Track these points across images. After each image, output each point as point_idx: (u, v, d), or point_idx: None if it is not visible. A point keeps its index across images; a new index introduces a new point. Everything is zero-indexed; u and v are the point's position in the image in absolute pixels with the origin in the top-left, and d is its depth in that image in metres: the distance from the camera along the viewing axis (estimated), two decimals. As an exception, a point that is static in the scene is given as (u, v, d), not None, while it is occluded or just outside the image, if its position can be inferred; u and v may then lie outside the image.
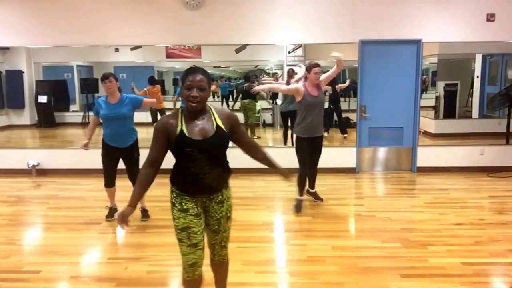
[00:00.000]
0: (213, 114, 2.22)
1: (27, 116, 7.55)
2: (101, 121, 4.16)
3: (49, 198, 5.32)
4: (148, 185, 2.21)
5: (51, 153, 6.55)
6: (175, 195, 2.25)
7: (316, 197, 4.94)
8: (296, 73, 6.51)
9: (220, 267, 2.61)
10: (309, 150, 4.56)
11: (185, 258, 2.28)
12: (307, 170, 4.64)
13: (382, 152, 6.58)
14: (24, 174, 6.35)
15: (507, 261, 3.37)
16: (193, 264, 2.28)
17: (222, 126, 2.20)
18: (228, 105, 8.68)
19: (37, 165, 6.39)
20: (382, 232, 4.02)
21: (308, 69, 4.48)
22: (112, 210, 4.38)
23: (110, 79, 4.00)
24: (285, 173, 2.59)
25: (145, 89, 7.22)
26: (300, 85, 4.53)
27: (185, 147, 2.11)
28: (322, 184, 4.84)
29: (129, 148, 4.15)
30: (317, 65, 4.47)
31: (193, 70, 2.12)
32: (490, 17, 6.06)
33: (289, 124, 6.69)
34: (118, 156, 4.19)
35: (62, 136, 8.06)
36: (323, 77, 4.50)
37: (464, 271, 3.16)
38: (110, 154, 4.17)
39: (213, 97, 8.50)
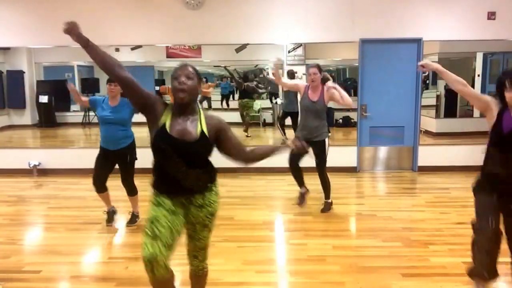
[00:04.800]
0: (200, 118, 2.13)
1: (28, 116, 7.57)
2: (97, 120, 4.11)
3: (50, 198, 5.33)
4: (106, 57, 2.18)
5: (52, 153, 6.56)
6: (154, 196, 2.19)
7: (328, 207, 4.59)
8: (296, 73, 6.52)
9: (194, 277, 2.45)
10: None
11: (143, 252, 2.01)
12: (292, 163, 4.48)
13: (383, 151, 6.57)
14: (25, 174, 6.35)
15: (508, 260, 3.35)
16: (150, 258, 1.97)
17: (207, 133, 2.10)
18: (228, 105, 8.69)
19: (38, 165, 6.40)
20: (383, 231, 4.02)
21: (307, 69, 4.39)
22: (110, 213, 4.29)
23: (116, 83, 4.01)
24: (284, 145, 2.41)
25: (169, 86, 7.28)
26: (302, 82, 4.48)
27: (161, 143, 2.06)
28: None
29: (124, 151, 4.05)
30: (313, 66, 4.27)
31: (182, 64, 2.13)
32: (491, 16, 6.04)
33: (286, 123, 6.72)
34: (112, 160, 4.09)
35: (63, 136, 8.07)
36: (333, 93, 4.22)
37: (465, 270, 3.15)
38: (104, 158, 4.07)
39: (208, 102, 8.52)
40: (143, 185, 4.14)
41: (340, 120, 8.34)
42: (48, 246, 3.82)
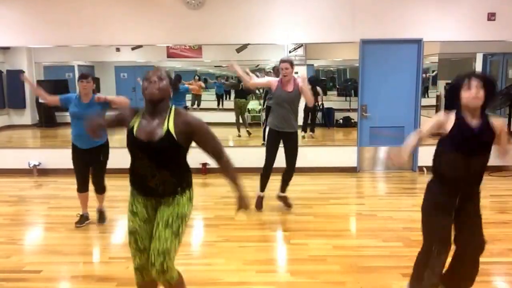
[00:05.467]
0: (169, 117, 2.14)
1: (28, 116, 7.56)
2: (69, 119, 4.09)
3: (50, 198, 5.33)
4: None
5: (52, 153, 6.55)
6: (130, 194, 2.29)
7: (286, 203, 4.63)
8: (296, 73, 6.51)
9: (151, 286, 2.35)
10: (275, 144, 4.45)
11: (133, 260, 2.29)
12: (267, 164, 4.51)
13: (383, 151, 6.57)
14: (25, 174, 6.35)
15: (508, 260, 3.37)
16: (139, 267, 2.27)
17: (173, 132, 2.10)
18: (223, 104, 8.69)
19: (38, 165, 6.40)
20: (384, 231, 4.02)
21: (279, 64, 4.37)
22: (83, 218, 4.23)
23: (89, 79, 3.98)
24: (241, 201, 2.37)
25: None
26: (274, 79, 4.47)
27: (129, 145, 2.18)
28: (323, 183, 4.84)
29: (96, 149, 4.01)
30: (285, 61, 4.26)
31: (155, 68, 2.22)
32: (491, 16, 6.05)
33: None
34: (86, 159, 4.08)
35: (63, 136, 8.05)
36: (304, 88, 4.29)
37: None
38: (79, 157, 4.06)
39: (198, 101, 8.52)
40: (119, 185, 4.14)
41: (341, 120, 8.35)
42: (48, 246, 3.82)
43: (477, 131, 2.31)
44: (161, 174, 2.15)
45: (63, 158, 6.42)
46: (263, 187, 4.62)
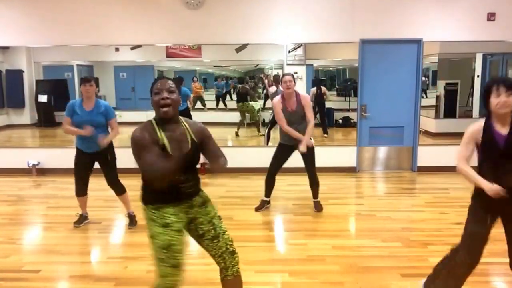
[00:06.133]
0: (186, 127, 2.19)
1: (27, 115, 7.56)
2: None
3: (49, 198, 5.32)
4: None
5: (51, 153, 6.55)
6: (153, 211, 2.11)
7: (317, 207, 4.66)
8: (296, 73, 6.50)
9: (235, 284, 2.31)
10: (286, 156, 4.49)
11: (164, 280, 2.08)
12: (270, 172, 4.56)
13: (382, 151, 6.57)
14: (24, 174, 6.35)
15: (507, 260, 3.36)
16: (172, 285, 2.10)
17: (196, 140, 2.18)
18: (220, 104, 8.68)
19: (37, 165, 6.39)
20: (383, 231, 4.02)
21: (280, 79, 4.37)
22: (82, 218, 4.23)
23: (92, 83, 3.94)
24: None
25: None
26: (276, 100, 4.41)
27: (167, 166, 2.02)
28: (322, 183, 4.82)
29: (102, 152, 3.99)
30: (290, 75, 4.31)
31: (161, 77, 2.18)
32: (491, 17, 6.05)
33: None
34: (92, 162, 4.07)
35: (62, 136, 8.03)
36: (308, 109, 4.34)
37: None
38: (84, 161, 4.03)
39: (201, 102, 8.52)
40: (131, 184, 4.13)
41: (340, 120, 8.35)
42: (47, 245, 3.81)
43: (505, 139, 2.23)
44: (191, 177, 2.20)
45: (62, 157, 6.47)
46: (268, 192, 4.65)
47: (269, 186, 4.63)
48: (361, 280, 3.05)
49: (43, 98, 7.46)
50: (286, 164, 4.56)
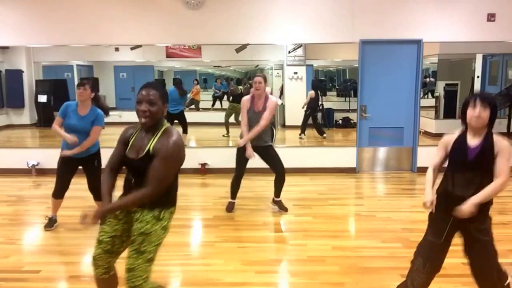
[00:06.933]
0: (155, 137, 2.14)
1: (27, 115, 7.56)
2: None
3: (49, 198, 5.25)
4: (109, 183, 2.27)
5: (51, 153, 6.49)
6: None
7: (281, 206, 4.63)
8: (296, 73, 6.51)
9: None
10: (246, 158, 4.43)
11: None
12: (236, 175, 4.54)
13: (382, 152, 6.57)
14: (24, 174, 6.34)
15: (508, 261, 3.36)
16: (93, 258, 2.29)
17: (151, 152, 2.10)
18: (215, 105, 8.68)
19: (37, 165, 6.38)
20: (383, 232, 4.02)
21: (253, 77, 4.38)
22: (52, 221, 4.20)
23: (86, 87, 3.87)
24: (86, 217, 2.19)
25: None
26: (246, 98, 4.43)
27: (123, 161, 2.25)
28: (322, 184, 4.84)
29: (90, 157, 3.98)
30: (261, 75, 4.35)
31: (146, 85, 2.17)
32: (491, 17, 6.05)
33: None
34: (76, 167, 4.04)
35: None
36: (268, 110, 4.32)
37: (464, 271, 3.14)
38: (68, 164, 4.00)
39: (196, 105, 8.52)
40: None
41: (340, 121, 8.36)
42: (47, 246, 3.82)
43: (471, 149, 2.31)
44: (138, 184, 2.13)
45: (62, 158, 6.46)
46: (234, 193, 4.64)
47: (232, 187, 4.61)
48: (361, 281, 3.05)
49: (42, 98, 7.47)
50: (286, 165, 4.55)
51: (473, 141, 2.33)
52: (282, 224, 4.41)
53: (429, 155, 2.66)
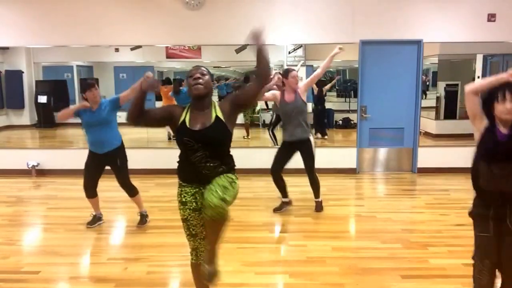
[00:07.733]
0: (215, 107, 2.32)
1: (27, 116, 7.56)
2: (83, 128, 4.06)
3: (48, 199, 5.31)
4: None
5: (50, 154, 6.55)
6: (178, 186, 2.38)
7: (317, 207, 4.65)
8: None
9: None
10: (284, 154, 4.48)
11: (188, 242, 2.47)
12: (273, 170, 4.53)
13: (382, 152, 6.56)
14: (23, 175, 6.34)
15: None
16: (194, 249, 2.46)
17: (222, 117, 2.27)
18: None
19: (37, 166, 6.38)
20: (383, 233, 4.01)
21: (285, 74, 4.40)
22: (95, 218, 4.24)
23: (96, 87, 3.95)
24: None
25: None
26: (277, 92, 4.47)
27: (183, 137, 2.24)
28: (322, 184, 4.81)
29: (113, 153, 4.01)
30: (294, 70, 4.45)
31: (195, 66, 2.37)
32: (491, 18, 6.05)
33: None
34: (102, 164, 4.08)
35: (61, 137, 8.06)
36: (307, 80, 4.48)
37: (465, 272, 3.14)
38: (94, 163, 4.05)
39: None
40: (143, 186, 4.14)
41: (340, 122, 8.35)
42: (47, 246, 3.81)
43: (504, 138, 2.14)
44: (212, 161, 2.25)
45: (62, 158, 6.47)
46: (281, 192, 4.65)
47: (278, 186, 4.61)
48: (361, 282, 3.04)
49: (42, 99, 7.46)
50: (286, 165, 4.55)
51: (504, 130, 2.15)
52: (281, 225, 4.40)
53: (430, 156, 2.64)
